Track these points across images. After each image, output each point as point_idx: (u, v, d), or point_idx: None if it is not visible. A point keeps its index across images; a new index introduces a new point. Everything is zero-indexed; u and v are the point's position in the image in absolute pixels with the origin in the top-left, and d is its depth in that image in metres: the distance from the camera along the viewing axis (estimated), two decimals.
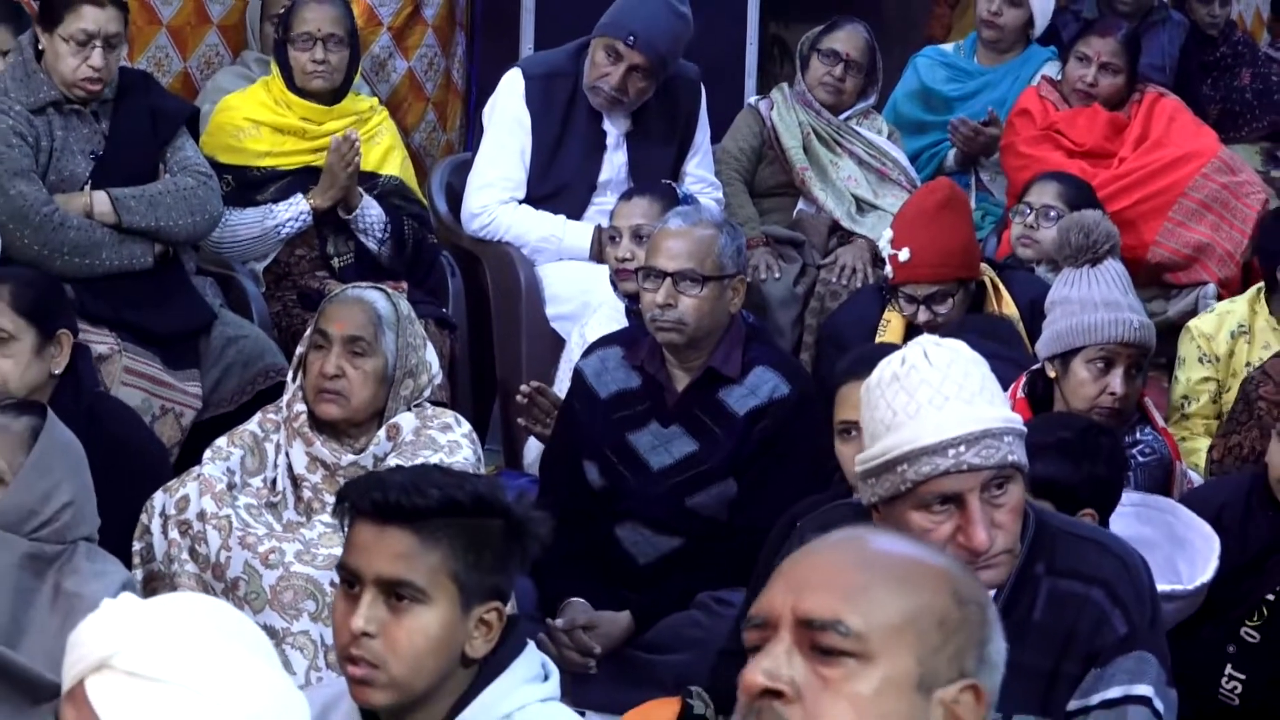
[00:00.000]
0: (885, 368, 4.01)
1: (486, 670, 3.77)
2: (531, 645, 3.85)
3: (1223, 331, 7.14)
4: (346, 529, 3.79)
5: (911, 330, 6.41)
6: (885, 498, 3.94)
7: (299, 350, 5.73)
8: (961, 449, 3.88)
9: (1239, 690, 5.29)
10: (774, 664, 2.48)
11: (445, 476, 3.92)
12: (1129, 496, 5.47)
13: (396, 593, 3.68)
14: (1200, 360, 7.07)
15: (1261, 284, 7.15)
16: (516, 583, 5.67)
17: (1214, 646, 5.14)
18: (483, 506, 3.81)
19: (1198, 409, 6.98)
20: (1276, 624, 5.29)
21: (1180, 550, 5.14)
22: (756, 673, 2.47)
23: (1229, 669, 5.29)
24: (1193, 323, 7.32)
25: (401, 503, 3.76)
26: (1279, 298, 6.89)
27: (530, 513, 3.86)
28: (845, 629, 2.46)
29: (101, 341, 6.43)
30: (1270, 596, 5.31)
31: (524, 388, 6.75)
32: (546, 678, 3.86)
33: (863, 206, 8.11)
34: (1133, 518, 5.19)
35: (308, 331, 5.72)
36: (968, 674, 2.51)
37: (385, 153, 7.72)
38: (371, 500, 3.77)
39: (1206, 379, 6.98)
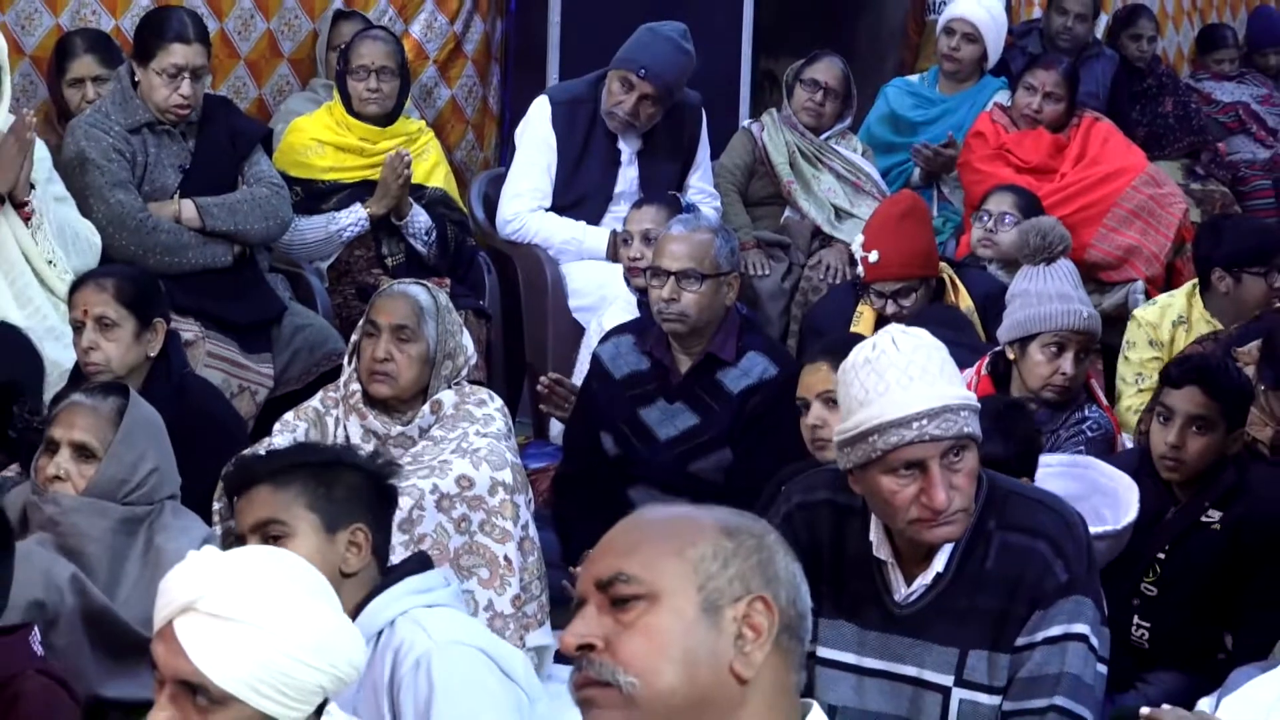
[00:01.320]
0: (859, 353, 4.00)
1: (375, 589, 3.89)
2: (435, 571, 4.04)
3: (1165, 321, 7.11)
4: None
5: (881, 321, 6.43)
6: (859, 464, 3.94)
7: (354, 338, 5.73)
8: (924, 422, 3.87)
9: (1146, 637, 5.29)
10: (582, 625, 2.59)
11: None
12: (1058, 458, 5.53)
13: (269, 534, 3.83)
14: (1150, 344, 7.07)
15: (1195, 281, 7.14)
16: (543, 537, 5.73)
17: (1122, 600, 5.13)
18: (325, 459, 4.01)
19: (1151, 383, 6.97)
20: (1168, 580, 5.29)
21: (1104, 498, 5.14)
22: (568, 635, 2.59)
23: (1135, 619, 5.28)
24: (1138, 313, 7.30)
25: (253, 467, 3.98)
26: (1211, 296, 6.86)
27: (369, 461, 4.00)
28: (626, 577, 2.57)
29: (188, 329, 6.41)
30: (1161, 555, 5.31)
31: (543, 379, 6.76)
32: (426, 590, 3.98)
33: (841, 214, 8.10)
34: (1062, 476, 5.19)
35: (361, 321, 5.71)
36: (753, 590, 2.58)
37: (431, 167, 7.72)
38: (234, 476, 4.02)
39: (1155, 358, 6.97)
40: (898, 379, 3.92)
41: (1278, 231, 7.94)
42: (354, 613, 3.78)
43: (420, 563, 3.95)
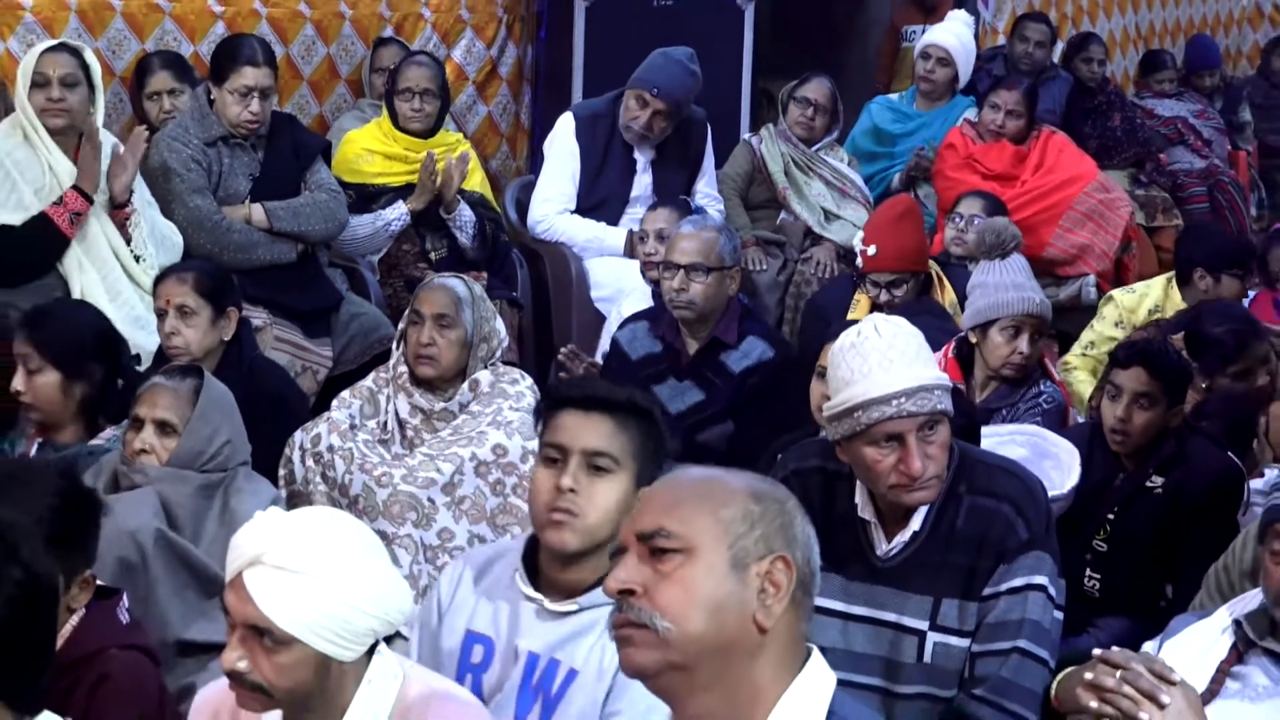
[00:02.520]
0: (845, 338, 4.01)
1: None
2: None
3: (1142, 308, 7.15)
4: (546, 420, 3.72)
5: (875, 308, 6.41)
6: (845, 436, 3.95)
7: (401, 325, 5.71)
8: (903, 400, 3.88)
9: (1097, 587, 5.28)
10: (624, 572, 2.58)
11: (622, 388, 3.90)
12: (1011, 428, 5.53)
13: (595, 463, 3.62)
14: (1116, 324, 7.08)
15: (1173, 273, 7.17)
16: None
17: (1076, 555, 5.12)
18: (645, 411, 3.76)
19: (1096, 353, 6.98)
20: (1117, 538, 5.28)
21: (1052, 463, 5.13)
22: (611, 581, 2.58)
23: (1088, 571, 5.27)
24: (1117, 294, 7.34)
25: (608, 395, 3.73)
26: (1191, 290, 6.87)
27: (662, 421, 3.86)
28: (666, 532, 2.56)
29: (257, 316, 6.40)
30: (1110, 516, 5.30)
31: (563, 350, 6.72)
32: None
33: (829, 217, 8.09)
34: (1012, 443, 5.19)
35: (407, 310, 5.70)
36: (775, 550, 2.59)
37: (469, 173, 7.71)
38: (584, 394, 3.74)
39: (1113, 338, 6.96)
40: (879, 361, 3.92)
41: (1252, 243, 8.01)
42: None
43: None
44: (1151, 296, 7.17)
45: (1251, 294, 7.37)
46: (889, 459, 3.93)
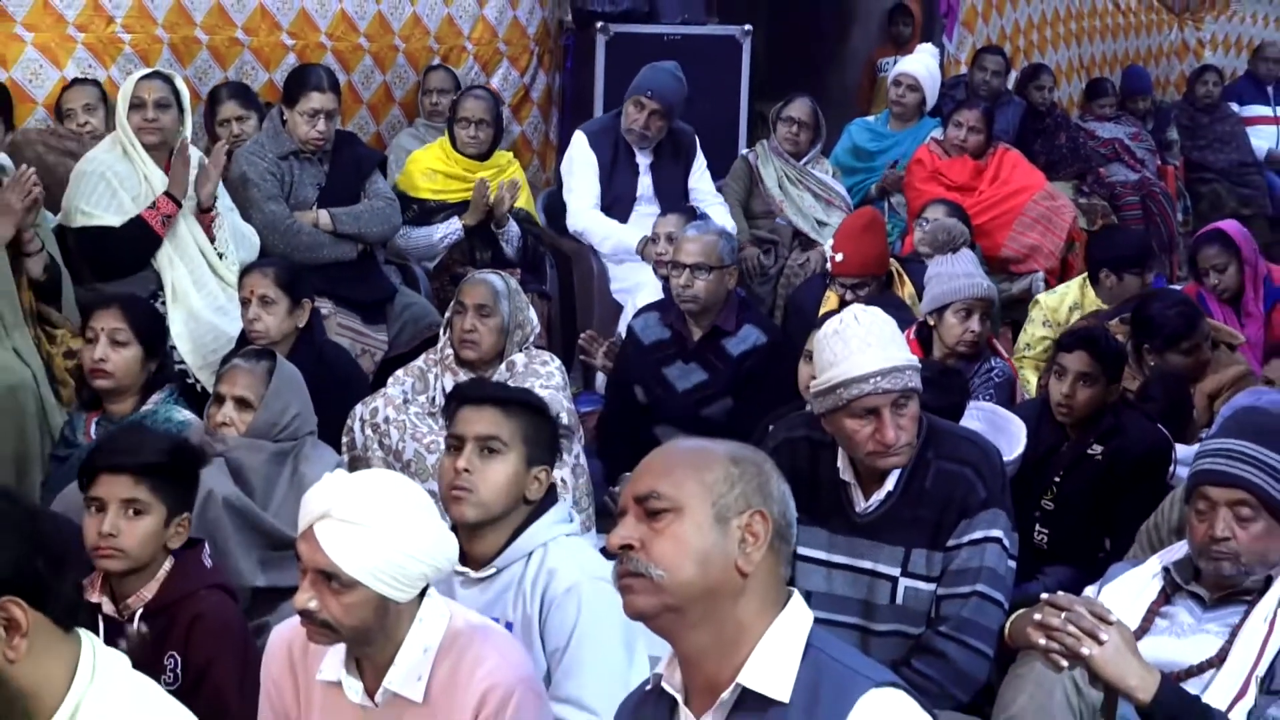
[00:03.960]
0: (829, 325, 4.06)
1: (532, 515, 3.77)
2: (562, 502, 3.91)
3: (1063, 305, 7.16)
4: (448, 416, 3.83)
5: (843, 304, 6.40)
6: (828, 410, 3.99)
7: (447, 314, 5.72)
8: (878, 379, 3.91)
9: (1045, 540, 5.28)
10: (624, 530, 2.62)
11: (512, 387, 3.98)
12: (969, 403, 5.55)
13: (487, 446, 3.71)
14: (1043, 324, 7.10)
15: (1086, 275, 7.15)
16: (590, 464, 5.72)
17: (1027, 513, 5.12)
18: (540, 407, 3.86)
19: (1034, 354, 7.00)
20: (1062, 498, 5.27)
21: (1001, 434, 5.14)
22: (614, 538, 2.62)
23: (1037, 526, 5.27)
24: (1042, 298, 7.34)
25: (495, 393, 3.87)
26: (1100, 288, 6.87)
27: (567, 423, 3.90)
28: (658, 494, 2.61)
29: (323, 306, 6.40)
30: (1057, 479, 5.30)
31: (584, 334, 6.82)
32: (570, 519, 3.89)
33: (820, 224, 8.07)
34: (969, 417, 5.20)
35: (453, 301, 5.71)
36: (753, 505, 2.62)
37: (518, 194, 7.68)
38: (475, 392, 3.86)
39: (1044, 337, 7.00)
40: (859, 346, 3.95)
41: (1150, 242, 7.97)
42: (516, 532, 3.74)
43: (551, 495, 3.86)
44: (1070, 296, 7.18)
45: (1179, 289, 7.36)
46: (866, 429, 3.96)
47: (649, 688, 2.76)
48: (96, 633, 2.74)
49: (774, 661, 2.58)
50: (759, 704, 2.57)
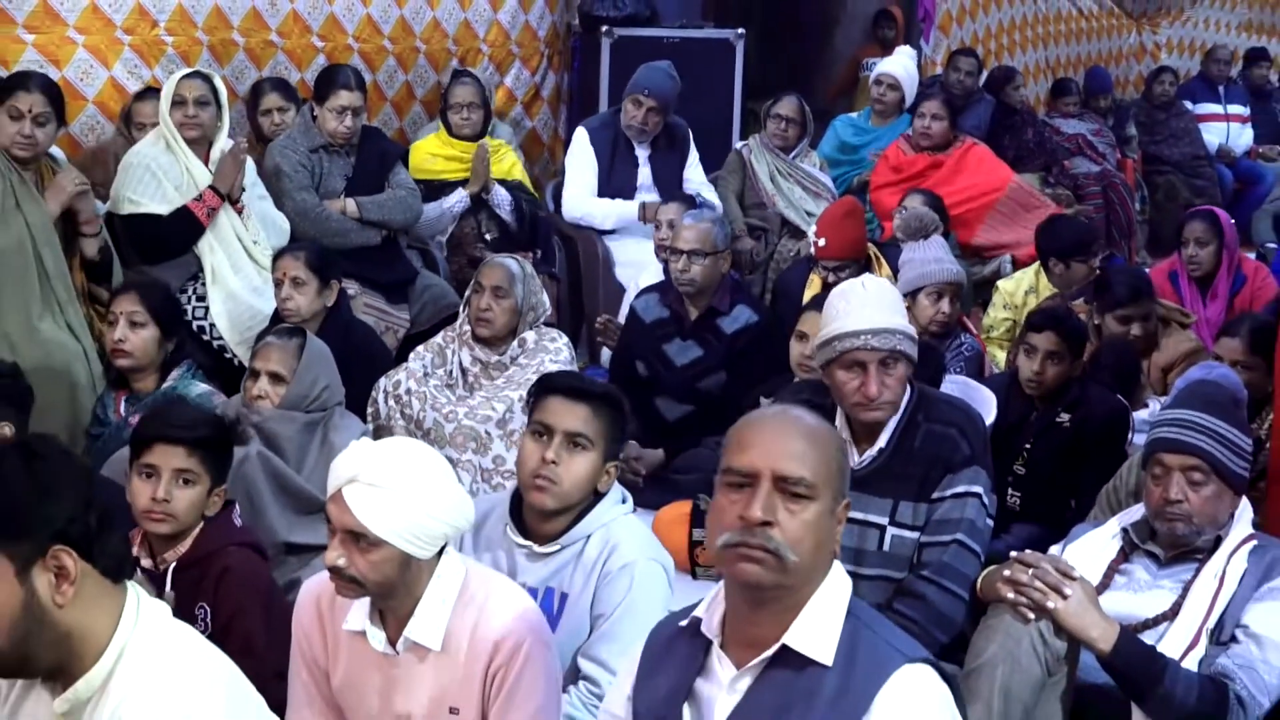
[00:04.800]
0: (842, 287, 4.15)
1: (595, 498, 3.77)
2: (617, 484, 3.85)
3: (1020, 290, 7.17)
4: (536, 401, 3.77)
5: (825, 287, 6.38)
6: (825, 361, 4.05)
7: (466, 293, 5.71)
8: (868, 336, 3.96)
9: (1018, 502, 5.28)
10: (767, 504, 2.53)
11: (599, 383, 3.93)
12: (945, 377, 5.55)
13: (575, 441, 3.68)
14: (1004, 307, 7.11)
15: (1039, 263, 7.16)
16: None
17: (1001, 477, 5.11)
18: (621, 405, 3.81)
19: (998, 335, 7.02)
20: (1032, 463, 5.27)
21: (975, 405, 5.14)
22: (756, 510, 2.52)
23: (1010, 489, 5.27)
24: (1001, 284, 7.34)
25: (588, 388, 3.78)
26: (1050, 274, 6.87)
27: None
28: (807, 484, 2.54)
29: (350, 287, 6.40)
30: (1027, 446, 5.29)
31: (600, 318, 6.78)
32: (625, 501, 3.86)
33: (808, 215, 8.04)
34: (948, 387, 5.20)
35: (471, 282, 5.70)
36: (845, 495, 2.64)
37: (509, 166, 7.67)
38: (569, 384, 3.77)
39: (1006, 318, 7.01)
40: (858, 306, 4.00)
41: (1095, 230, 7.98)
42: (580, 514, 3.73)
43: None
44: (1025, 281, 7.18)
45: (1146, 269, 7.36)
46: (854, 382, 4.00)
47: (684, 624, 2.71)
48: None
49: (819, 625, 2.57)
50: (798, 662, 2.55)
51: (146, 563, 3.92)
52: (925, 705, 2.51)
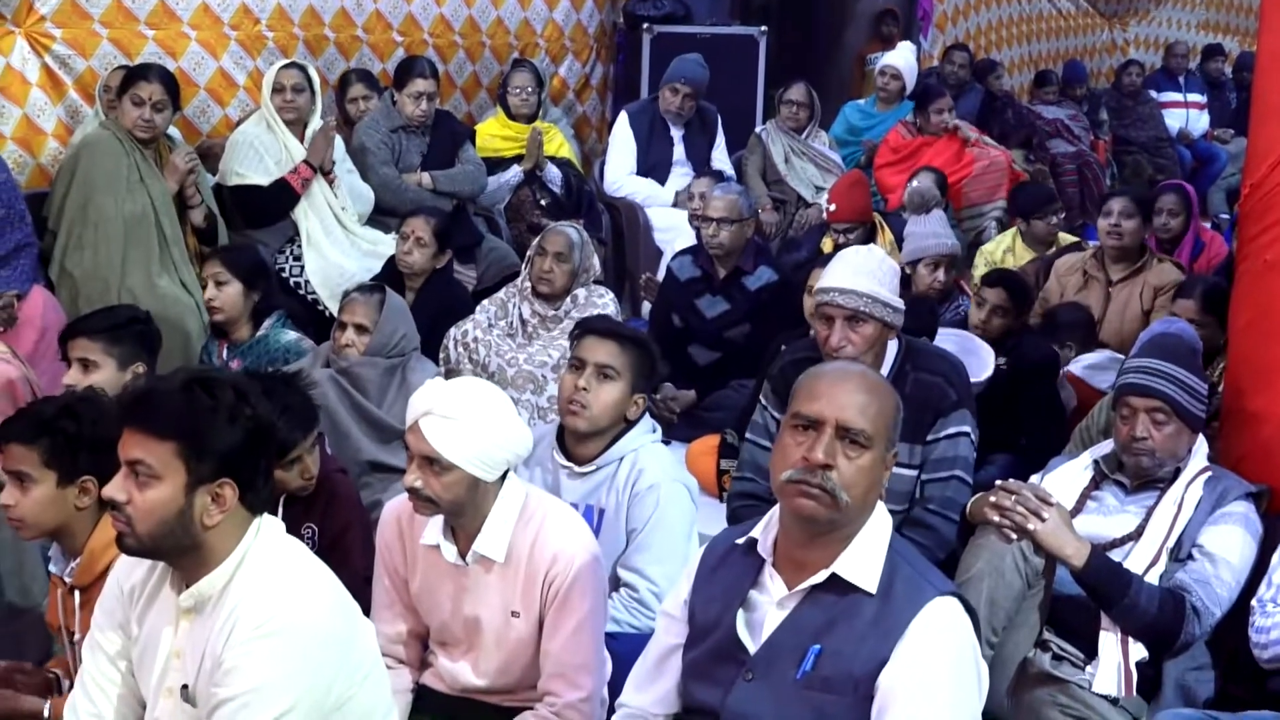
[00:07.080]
0: (848, 250, 4.07)
1: (626, 426, 3.75)
2: (647, 417, 3.82)
3: (999, 250, 7.18)
4: (575, 341, 3.76)
5: (837, 247, 6.34)
6: (810, 311, 4.06)
7: (530, 252, 5.68)
8: (836, 294, 3.90)
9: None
10: (829, 449, 2.49)
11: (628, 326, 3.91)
12: (945, 331, 5.48)
13: (604, 372, 3.66)
14: (984, 267, 7.07)
15: (1016, 228, 7.21)
16: None
17: None
18: (648, 346, 3.77)
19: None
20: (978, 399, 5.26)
21: (970, 356, 5.07)
22: (819, 453, 2.49)
23: None
24: (984, 247, 7.37)
25: (616, 328, 3.79)
26: (1028, 235, 6.88)
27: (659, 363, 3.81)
28: (866, 435, 2.51)
29: None
30: None
31: (644, 277, 6.81)
32: (655, 431, 3.83)
33: (818, 189, 7.99)
34: (946, 341, 5.15)
35: (534, 243, 5.68)
36: (894, 443, 2.59)
37: (559, 145, 7.67)
38: (600, 325, 3.79)
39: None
40: (842, 266, 3.95)
41: (1050, 190, 7.88)
42: (614, 439, 3.71)
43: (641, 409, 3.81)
44: (1004, 242, 7.26)
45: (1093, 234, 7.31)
46: (824, 332, 3.94)
47: (740, 541, 2.67)
48: None
49: (865, 557, 2.53)
50: (843, 588, 2.52)
51: None
52: (952, 633, 2.48)
